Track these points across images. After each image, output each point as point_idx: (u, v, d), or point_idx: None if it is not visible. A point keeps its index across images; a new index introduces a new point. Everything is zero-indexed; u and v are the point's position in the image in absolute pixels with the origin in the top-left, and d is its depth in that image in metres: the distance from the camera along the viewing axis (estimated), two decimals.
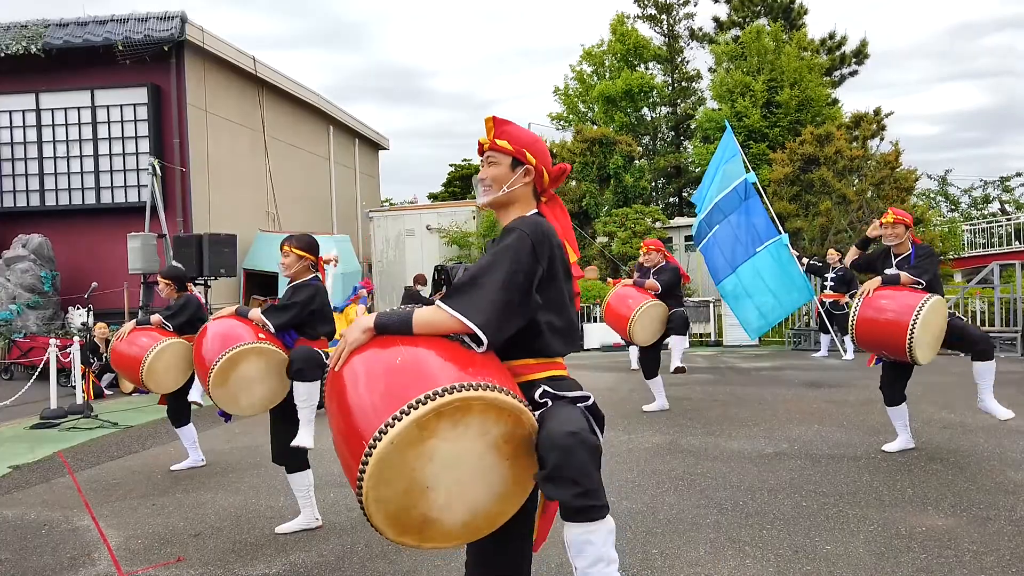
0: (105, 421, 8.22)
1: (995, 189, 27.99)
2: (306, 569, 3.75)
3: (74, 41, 13.86)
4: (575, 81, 25.65)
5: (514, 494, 1.92)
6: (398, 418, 1.70)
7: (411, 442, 1.72)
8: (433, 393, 1.73)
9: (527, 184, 2.20)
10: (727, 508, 4.38)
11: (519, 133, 2.22)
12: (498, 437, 1.83)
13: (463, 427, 1.77)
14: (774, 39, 21.70)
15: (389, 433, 1.69)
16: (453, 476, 1.80)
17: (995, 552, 3.57)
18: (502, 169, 2.18)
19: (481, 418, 1.79)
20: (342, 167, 21.40)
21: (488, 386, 1.78)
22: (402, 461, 1.73)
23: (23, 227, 14.18)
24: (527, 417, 1.86)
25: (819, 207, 16.49)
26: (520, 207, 2.20)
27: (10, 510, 5.02)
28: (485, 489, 1.86)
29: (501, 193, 2.17)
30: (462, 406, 1.75)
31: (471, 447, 1.80)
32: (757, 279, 9.39)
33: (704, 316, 15.23)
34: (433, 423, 1.73)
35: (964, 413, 6.71)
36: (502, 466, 1.86)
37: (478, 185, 2.24)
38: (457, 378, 1.78)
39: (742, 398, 8.23)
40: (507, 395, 1.81)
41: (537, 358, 2.10)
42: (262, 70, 16.40)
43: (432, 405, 1.71)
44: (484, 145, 2.22)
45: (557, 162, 11.49)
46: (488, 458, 1.83)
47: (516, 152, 2.17)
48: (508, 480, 1.88)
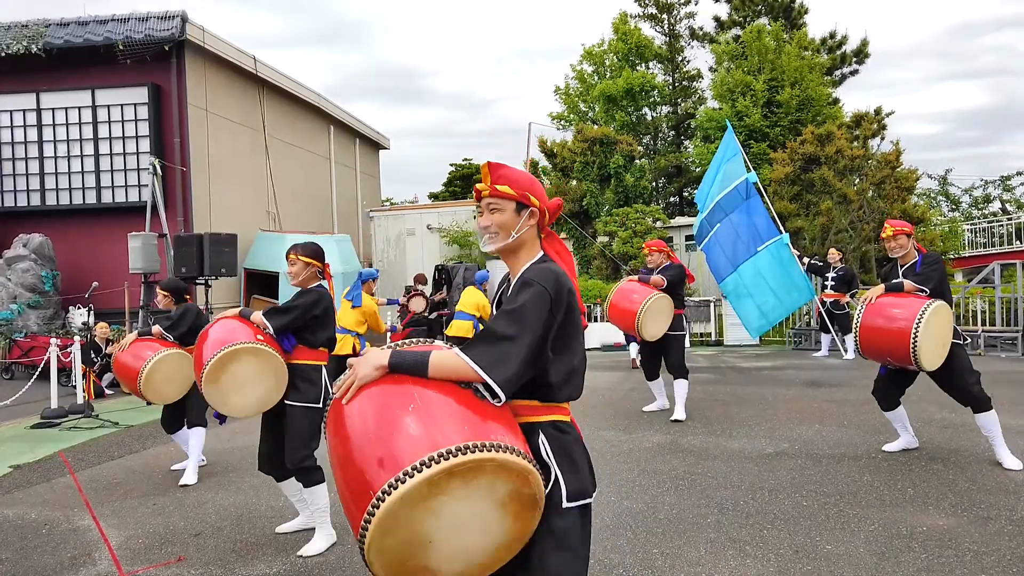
0: (106, 421, 8.22)
1: (996, 188, 27.98)
2: (306, 568, 3.75)
3: (75, 41, 13.86)
4: (576, 80, 25.65)
5: (512, 546, 1.92)
6: (409, 475, 1.69)
7: (420, 499, 1.72)
8: (447, 452, 1.71)
9: (532, 226, 2.18)
10: (728, 508, 4.38)
11: (518, 176, 2.18)
12: (504, 495, 1.83)
13: (473, 486, 1.78)
14: (775, 38, 21.69)
15: (399, 489, 1.69)
16: (456, 531, 1.81)
17: (996, 552, 3.57)
18: (507, 215, 2.14)
19: (491, 478, 1.79)
20: (342, 166, 21.40)
21: (500, 446, 1.78)
22: (409, 516, 1.74)
23: (24, 227, 14.18)
24: (534, 478, 1.86)
25: (820, 207, 16.48)
26: (527, 249, 2.18)
27: (11, 509, 5.03)
28: (485, 542, 1.87)
29: (511, 240, 2.14)
30: (475, 467, 1.74)
31: (477, 505, 1.81)
32: (758, 278, 9.39)
33: (705, 316, 15.23)
34: (444, 482, 1.72)
35: (965, 413, 6.69)
36: (505, 521, 1.86)
37: (482, 233, 2.19)
38: (471, 435, 1.78)
39: (743, 398, 8.23)
40: (517, 456, 1.81)
41: (542, 402, 2.07)
42: (262, 69, 16.40)
43: (445, 465, 1.70)
44: (483, 192, 2.17)
45: (559, 161, 11.48)
46: (492, 514, 1.84)
47: (520, 196, 2.14)
48: (509, 533, 1.89)
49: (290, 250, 4.23)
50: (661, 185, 25.21)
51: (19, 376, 11.78)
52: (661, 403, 7.56)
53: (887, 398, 5.46)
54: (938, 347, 4.95)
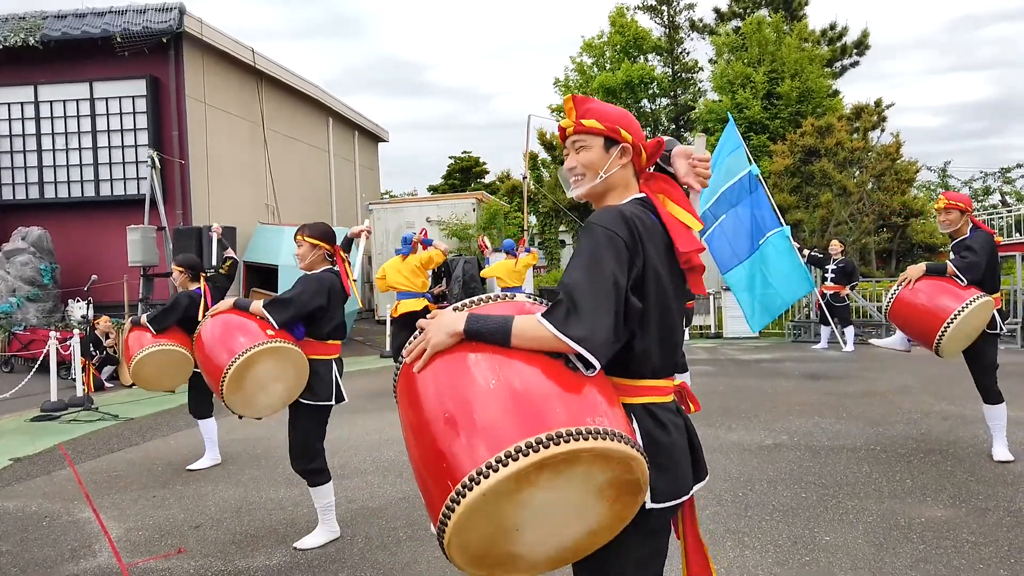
0: (105, 413, 8.23)
1: (996, 181, 27.99)
2: (306, 560, 3.76)
3: (72, 33, 13.80)
4: (575, 73, 25.57)
5: (610, 528, 1.71)
6: (494, 468, 1.48)
7: (507, 493, 1.52)
8: (536, 442, 1.48)
9: (625, 166, 1.90)
10: (726, 499, 4.39)
11: (607, 109, 1.92)
12: (603, 483, 1.61)
13: (566, 477, 1.56)
14: (775, 30, 21.64)
15: (482, 484, 1.48)
16: (547, 518, 1.62)
17: (993, 543, 3.58)
18: (595, 153, 1.88)
19: (587, 467, 1.57)
20: (341, 159, 21.35)
21: (599, 432, 1.54)
22: (494, 511, 1.55)
23: (22, 220, 14.16)
24: (637, 463, 1.61)
25: (820, 199, 16.48)
26: (620, 192, 1.90)
27: (11, 502, 5.03)
28: (580, 527, 1.68)
29: (599, 180, 1.88)
30: (569, 458, 1.52)
31: (572, 493, 1.60)
32: (759, 271, 9.39)
33: (704, 308, 15.23)
34: (534, 475, 1.51)
35: (964, 404, 6.71)
36: (601, 507, 1.65)
37: (566, 176, 1.94)
38: (566, 420, 1.53)
39: (742, 390, 8.24)
40: (618, 441, 1.56)
41: (631, 378, 1.78)
42: (261, 62, 16.34)
43: (535, 458, 1.48)
44: (568, 129, 1.93)
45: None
46: (588, 501, 1.64)
47: (609, 130, 1.87)
48: (605, 518, 1.68)
49: (297, 231, 4.01)
50: None
51: (19, 369, 11.78)
52: None
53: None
54: (963, 339, 4.85)
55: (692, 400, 2.03)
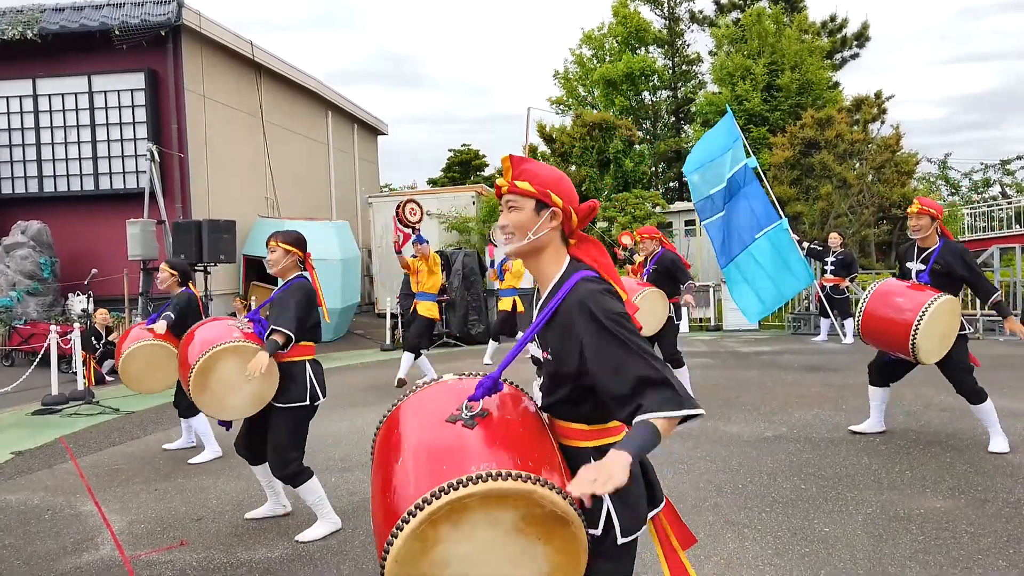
0: (106, 407, 8.25)
1: (996, 172, 27.95)
2: (308, 553, 3.78)
3: (70, 26, 13.76)
4: (575, 65, 25.52)
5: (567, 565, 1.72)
6: (395, 535, 1.60)
7: (417, 554, 1.61)
8: (423, 501, 1.58)
9: (554, 229, 1.96)
10: (726, 491, 4.40)
11: (541, 172, 1.98)
12: (516, 521, 1.65)
13: (468, 525, 1.62)
14: (775, 22, 21.57)
15: (391, 552, 1.60)
16: (484, 570, 1.67)
17: (992, 533, 3.59)
18: (525, 214, 1.94)
19: (483, 511, 1.62)
20: (341, 152, 21.32)
21: (479, 477, 1.60)
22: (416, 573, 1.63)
23: (22, 213, 14.15)
24: (540, 494, 1.62)
25: (819, 191, 16.46)
26: (550, 253, 1.98)
27: (13, 495, 5.05)
28: (531, 570, 1.70)
29: (526, 241, 1.94)
30: (456, 508, 1.59)
31: (488, 540, 1.65)
32: (756, 265, 9.37)
33: (704, 301, 15.23)
34: (431, 532, 1.60)
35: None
36: (535, 546, 1.68)
37: (498, 232, 2.01)
38: (447, 474, 1.63)
39: (742, 382, 8.25)
40: (507, 480, 1.60)
41: (590, 425, 1.91)
42: (260, 55, 16.30)
43: (421, 516, 1.58)
44: (502, 188, 1.99)
45: (557, 146, 11.30)
46: (515, 542, 1.67)
47: (540, 194, 1.93)
48: (551, 557, 1.70)
49: (271, 237, 4.10)
50: (661, 170, 25.16)
51: (19, 363, 11.80)
52: None
53: (882, 374, 5.47)
54: (939, 341, 4.88)
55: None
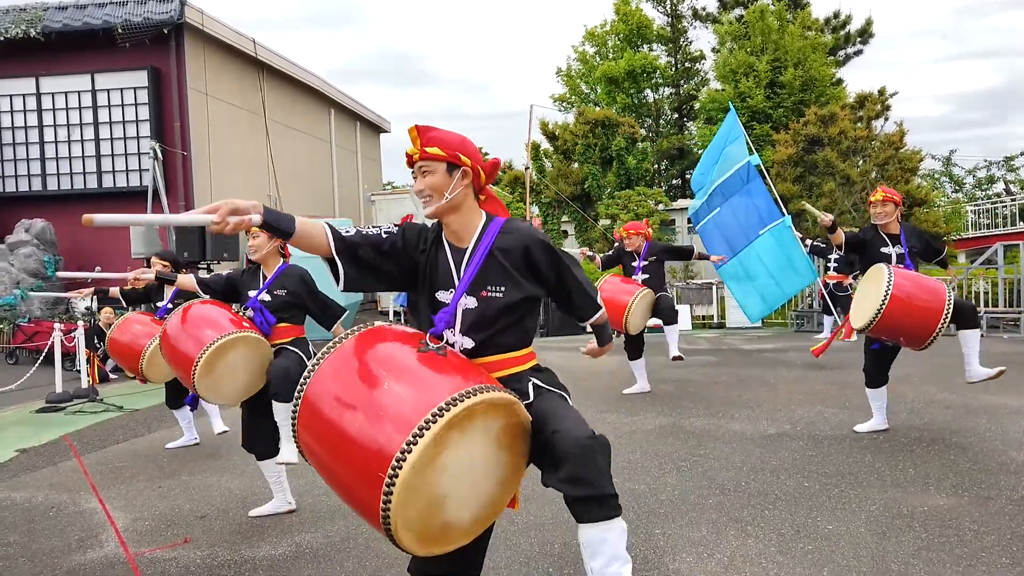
0: (110, 405, 8.27)
1: (999, 169, 27.88)
2: (311, 550, 3.78)
3: (73, 24, 13.78)
4: (577, 62, 25.49)
5: (514, 478, 2.04)
6: (413, 442, 1.74)
7: (430, 460, 1.77)
8: (439, 410, 1.78)
9: (467, 186, 2.19)
10: (729, 489, 4.40)
11: (447, 137, 2.19)
12: (498, 431, 1.93)
13: (470, 432, 1.85)
14: (778, 18, 21.50)
15: (408, 459, 1.73)
16: (464, 479, 1.89)
17: (996, 531, 3.58)
18: (438, 177, 2.15)
19: (483, 419, 1.88)
20: (343, 150, 21.32)
21: (482, 388, 1.87)
22: (423, 481, 1.79)
23: (25, 212, 14.18)
24: (519, 407, 1.98)
25: (823, 188, 16.42)
26: (467, 207, 2.21)
27: (17, 493, 5.06)
28: (491, 480, 1.96)
29: (444, 201, 2.15)
30: (468, 413, 1.82)
31: (477, 448, 1.90)
32: (759, 262, 9.36)
33: (707, 298, 15.22)
34: (445, 436, 1.79)
35: (966, 394, 6.71)
36: (503, 456, 1.97)
37: (416, 198, 2.22)
38: (452, 388, 1.85)
39: (745, 380, 8.24)
40: (500, 392, 1.91)
41: (524, 349, 2.25)
42: (262, 52, 16.31)
43: (443, 421, 1.76)
44: (414, 156, 2.18)
45: (560, 144, 11.47)
46: (491, 452, 1.94)
47: (450, 156, 2.15)
48: (508, 466, 2.00)
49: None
50: (663, 167, 25.13)
51: (23, 361, 11.83)
52: (642, 385, 7.54)
53: (879, 374, 5.49)
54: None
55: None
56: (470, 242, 2.18)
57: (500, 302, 2.15)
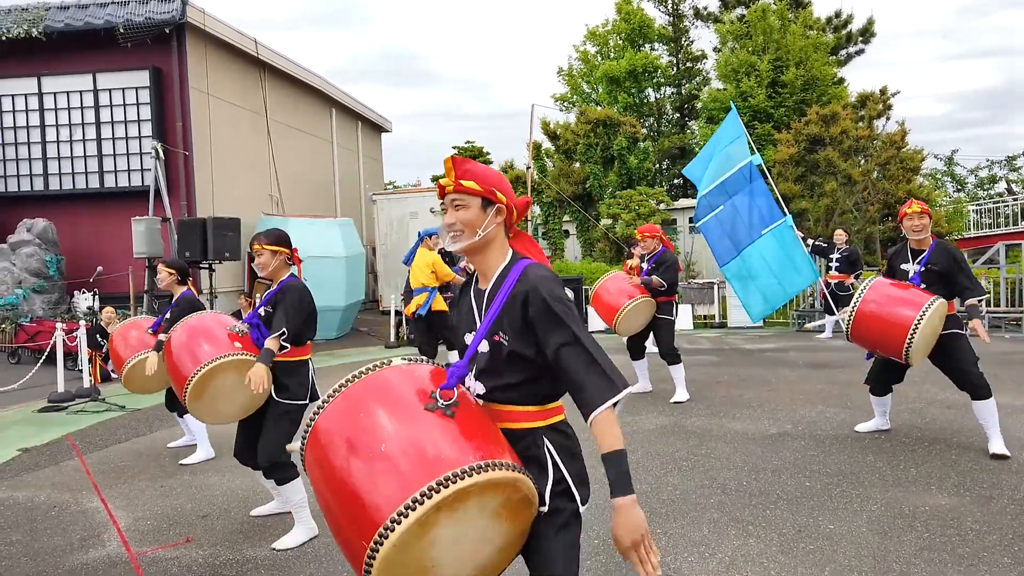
0: (112, 404, 8.28)
1: (1001, 169, 27.86)
2: (313, 549, 3.79)
3: (75, 24, 13.78)
4: (579, 61, 25.49)
5: (516, 544, 1.94)
6: (397, 521, 1.66)
7: (414, 538, 1.70)
8: (429, 489, 1.67)
9: (499, 224, 2.08)
10: (731, 488, 4.40)
11: (484, 172, 2.09)
12: (497, 507, 1.81)
13: (462, 511, 1.74)
14: (780, 18, 21.49)
15: (390, 537, 1.66)
16: (457, 550, 1.80)
17: (998, 531, 3.59)
18: (472, 212, 2.04)
19: (479, 499, 1.76)
20: (345, 150, 21.33)
21: (482, 466, 1.73)
22: (406, 557, 1.72)
23: (27, 211, 14.19)
24: (523, 483, 1.82)
25: (824, 187, 16.41)
26: (495, 248, 2.10)
27: (20, 492, 5.07)
28: (489, 548, 1.87)
29: (477, 238, 2.05)
30: (460, 495, 1.70)
31: (472, 523, 1.79)
32: (761, 262, 9.35)
33: (708, 298, 15.21)
34: (433, 517, 1.69)
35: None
36: (502, 526, 1.85)
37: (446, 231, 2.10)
38: (450, 464, 1.72)
39: (746, 379, 8.24)
40: (501, 469, 1.76)
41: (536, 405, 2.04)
42: (264, 52, 16.31)
43: (430, 503, 1.66)
44: (447, 187, 2.07)
45: (561, 143, 11.41)
46: (489, 524, 1.83)
47: (486, 192, 2.04)
48: (509, 534, 1.89)
49: (253, 240, 4.03)
50: (665, 167, 25.12)
51: (25, 360, 11.84)
52: (643, 385, 7.51)
53: (881, 385, 5.43)
54: (928, 344, 4.85)
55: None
56: (491, 281, 2.08)
57: (505, 350, 2.01)
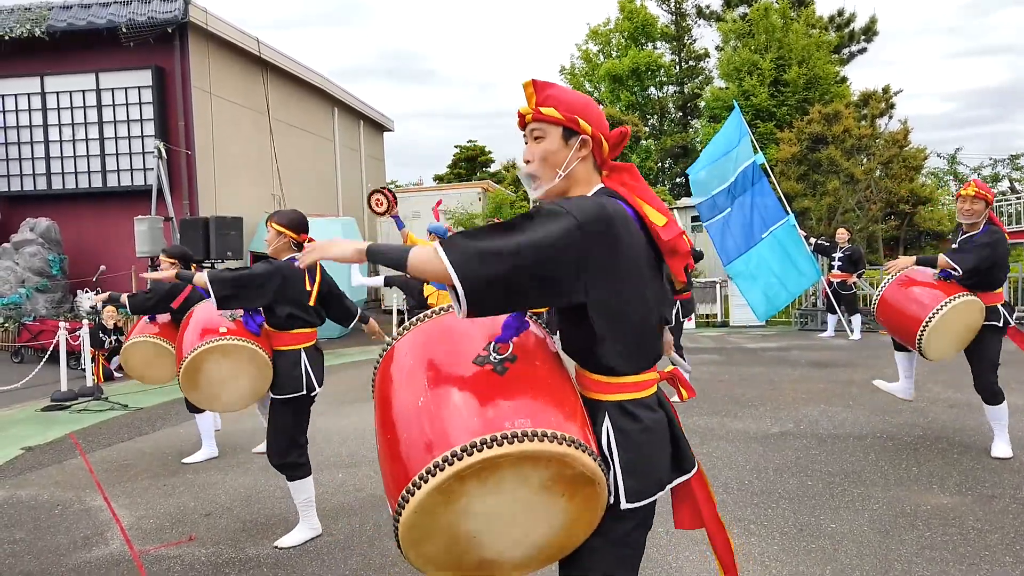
0: (115, 403, 8.30)
1: (1005, 167, 27.80)
2: (315, 548, 3.80)
3: (78, 23, 13.80)
4: (581, 60, 25.46)
5: (582, 522, 1.70)
6: (417, 485, 1.56)
7: (438, 505, 1.58)
8: (451, 456, 1.54)
9: (585, 158, 1.79)
10: (733, 487, 4.41)
11: (569, 97, 1.80)
12: (545, 480, 1.61)
13: (495, 482, 1.58)
14: (782, 16, 21.47)
15: (411, 501, 1.57)
16: (502, 522, 1.64)
17: (999, 530, 3.58)
18: (553, 143, 1.77)
19: (515, 470, 1.57)
20: (347, 149, 21.34)
21: (515, 436, 1.54)
22: (434, 523, 1.61)
23: (30, 211, 14.22)
24: (573, 457, 1.57)
25: (827, 186, 16.39)
26: (580, 189, 1.79)
27: (24, 491, 5.09)
28: (546, 526, 1.67)
29: (557, 180, 1.77)
30: (487, 465, 1.54)
31: (513, 496, 1.62)
32: (764, 262, 9.37)
33: (711, 297, 15.20)
34: (457, 486, 1.56)
35: (970, 392, 6.67)
36: (559, 503, 1.65)
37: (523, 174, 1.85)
38: (480, 428, 1.57)
39: (748, 378, 8.24)
40: (543, 441, 1.55)
41: (600, 374, 1.74)
42: (266, 51, 16.32)
43: (450, 471, 1.53)
44: (527, 116, 1.81)
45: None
46: (539, 499, 1.63)
47: (568, 120, 1.76)
48: (570, 512, 1.67)
49: (269, 217, 4.04)
50: (667, 166, 25.10)
51: (29, 359, 11.87)
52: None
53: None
54: (953, 339, 4.66)
55: (685, 387, 1.97)
56: None
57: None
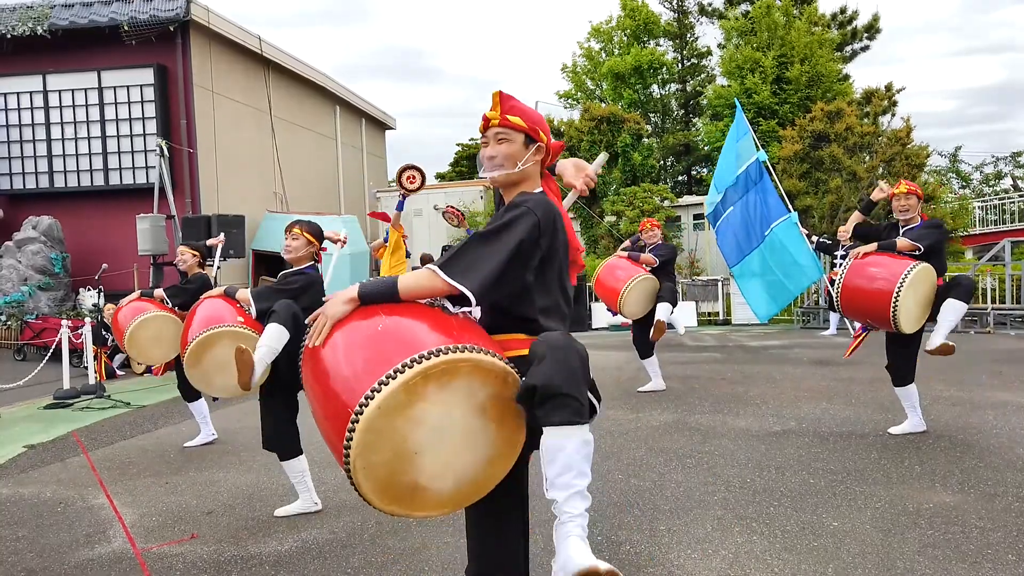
0: (118, 401, 8.31)
1: (1007, 165, 27.75)
2: (317, 546, 3.80)
3: (80, 22, 13.81)
4: (583, 58, 25.43)
5: (502, 456, 1.90)
6: (384, 383, 1.68)
7: (399, 406, 1.70)
8: (419, 356, 1.71)
9: (537, 163, 2.20)
10: (734, 485, 4.40)
11: (528, 110, 2.20)
12: (485, 399, 1.82)
13: (450, 390, 1.76)
14: (784, 14, 21.41)
15: (376, 399, 1.68)
16: (441, 441, 1.79)
17: (1002, 528, 3.58)
18: (515, 146, 2.15)
19: (468, 380, 1.78)
20: (349, 147, 21.34)
21: (473, 348, 1.78)
22: (390, 427, 1.71)
23: (32, 209, 14.24)
24: (513, 378, 1.84)
25: (829, 184, 16.36)
26: (529, 184, 2.20)
27: (26, 488, 5.10)
28: (473, 454, 1.84)
29: (516, 171, 2.15)
30: (449, 368, 1.73)
31: (459, 410, 1.79)
32: (766, 261, 9.35)
33: (712, 295, 15.20)
34: (420, 386, 1.71)
35: (973, 390, 6.70)
36: (489, 429, 1.85)
37: (485, 162, 2.19)
38: (441, 341, 1.78)
39: (750, 376, 8.24)
40: (493, 356, 1.80)
41: (529, 335, 2.05)
42: (268, 50, 16.32)
43: (419, 368, 1.70)
44: (492, 121, 2.16)
45: (566, 140, 11.54)
46: (476, 421, 1.82)
47: (530, 129, 2.16)
48: (496, 443, 1.87)
49: (294, 224, 4.20)
50: (669, 164, 25.08)
51: (31, 357, 11.89)
52: (657, 383, 7.55)
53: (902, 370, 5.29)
54: (918, 310, 4.96)
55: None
56: None
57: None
